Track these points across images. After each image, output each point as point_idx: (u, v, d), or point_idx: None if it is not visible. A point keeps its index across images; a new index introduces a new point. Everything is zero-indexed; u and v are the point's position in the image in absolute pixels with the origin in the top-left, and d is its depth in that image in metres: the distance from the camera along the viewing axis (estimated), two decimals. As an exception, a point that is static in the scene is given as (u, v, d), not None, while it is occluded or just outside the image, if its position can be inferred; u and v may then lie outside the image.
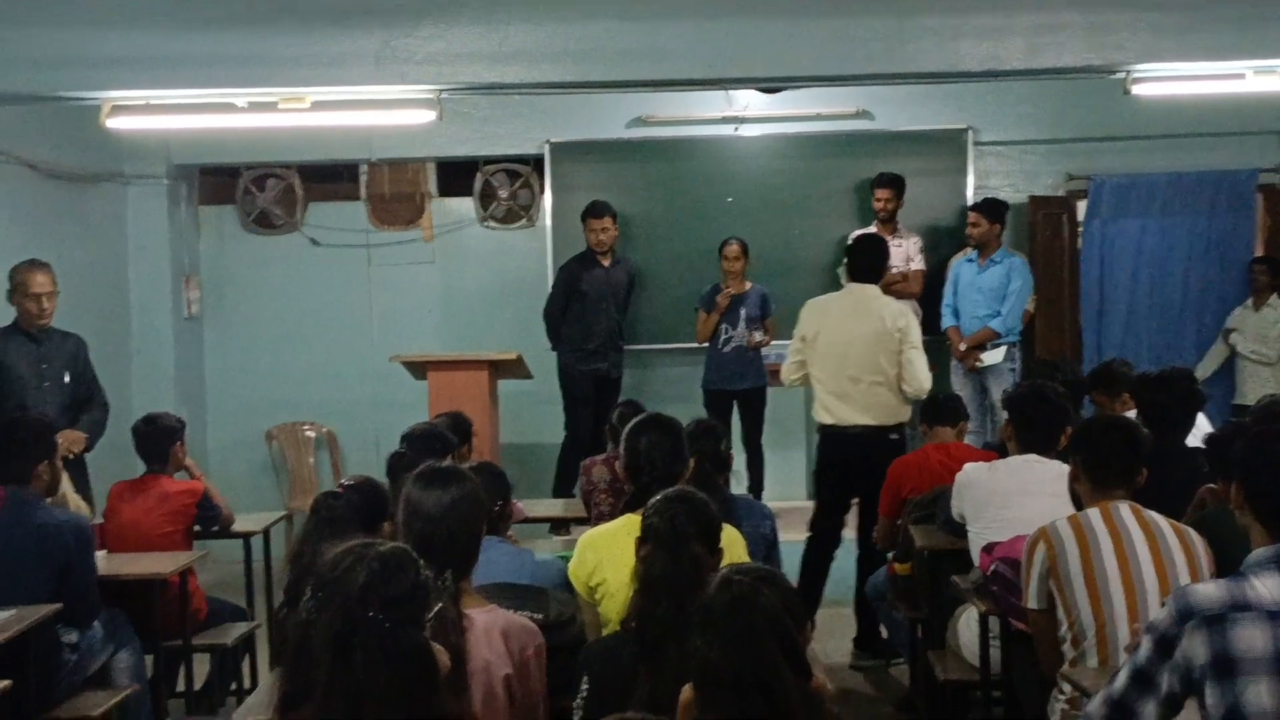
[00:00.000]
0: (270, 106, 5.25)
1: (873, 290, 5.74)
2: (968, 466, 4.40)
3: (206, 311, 8.31)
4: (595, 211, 7.46)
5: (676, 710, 2.19)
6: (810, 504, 7.80)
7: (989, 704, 4.27)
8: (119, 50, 5.05)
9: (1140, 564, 3.30)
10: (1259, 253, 7.88)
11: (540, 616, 3.06)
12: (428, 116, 5.51)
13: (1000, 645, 3.96)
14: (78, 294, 6.40)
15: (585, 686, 2.75)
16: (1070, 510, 3.50)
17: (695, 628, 2.14)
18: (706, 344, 7.41)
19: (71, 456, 5.44)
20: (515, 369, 6.98)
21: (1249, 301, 7.74)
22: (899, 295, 6.63)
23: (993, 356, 7.29)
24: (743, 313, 7.31)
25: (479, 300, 8.25)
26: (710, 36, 5.21)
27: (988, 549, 3.97)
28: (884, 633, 5.55)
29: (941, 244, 7.87)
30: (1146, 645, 2.51)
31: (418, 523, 2.78)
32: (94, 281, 7.28)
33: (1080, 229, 8.04)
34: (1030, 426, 4.26)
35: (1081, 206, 8.05)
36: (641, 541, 2.81)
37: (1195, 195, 7.97)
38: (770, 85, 7.29)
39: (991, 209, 7.38)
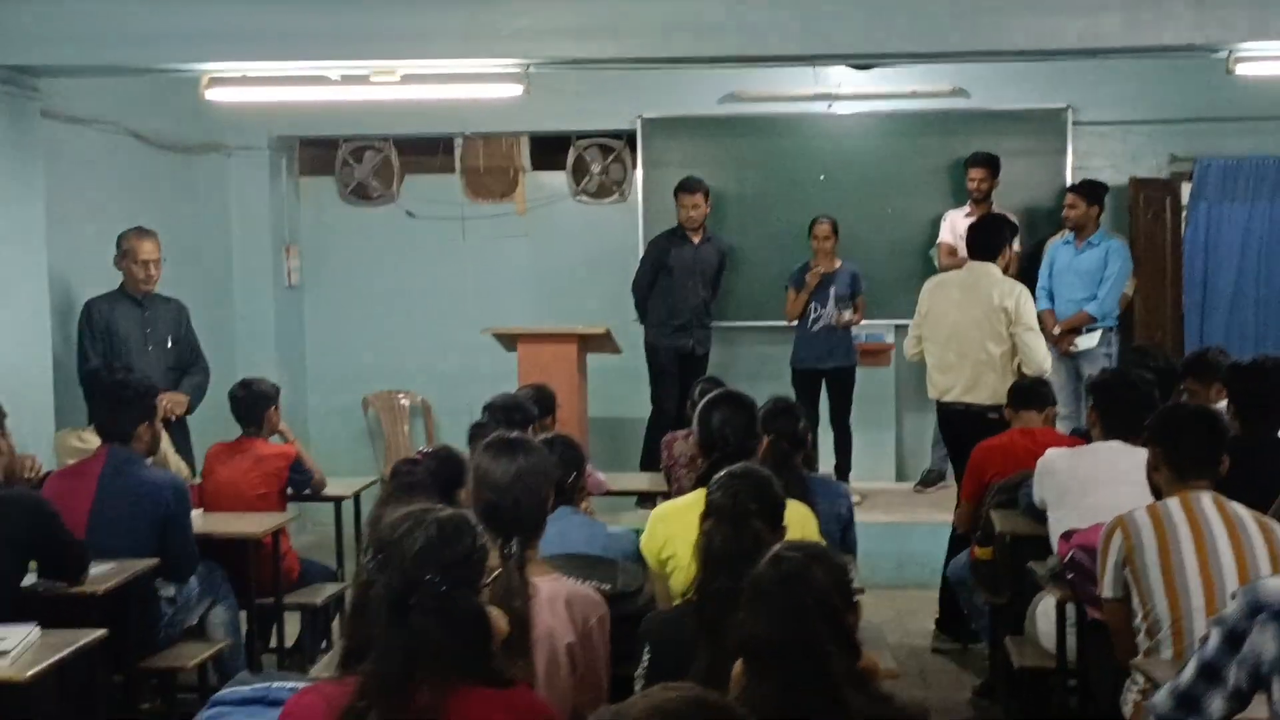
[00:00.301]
0: (362, 79, 5.33)
1: (988, 268, 5.74)
2: (1050, 452, 4.34)
3: (306, 280, 8.48)
4: (687, 187, 7.43)
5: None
6: (897, 485, 7.83)
7: (1065, 692, 4.21)
8: (215, 23, 5.15)
9: (1220, 556, 3.23)
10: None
11: (607, 587, 3.09)
12: (515, 91, 5.55)
13: (1076, 633, 3.92)
14: (183, 262, 6.59)
15: (647, 656, 2.79)
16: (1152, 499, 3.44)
17: (745, 602, 2.16)
18: (795, 322, 7.38)
19: (173, 418, 5.64)
20: (604, 343, 7.02)
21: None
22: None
23: (1088, 341, 7.14)
24: (832, 291, 7.26)
25: (570, 274, 8.29)
26: (801, 12, 5.14)
27: (1066, 536, 3.92)
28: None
29: (1040, 225, 7.72)
30: (1215, 638, 2.47)
31: (486, 491, 2.82)
32: (198, 250, 7.48)
33: (1184, 212, 7.83)
34: (1114, 413, 4.19)
35: (1186, 189, 7.82)
36: (704, 516, 2.84)
37: (1306, 180, 7.71)
38: (862, 62, 7.21)
39: (1089, 191, 7.21)
